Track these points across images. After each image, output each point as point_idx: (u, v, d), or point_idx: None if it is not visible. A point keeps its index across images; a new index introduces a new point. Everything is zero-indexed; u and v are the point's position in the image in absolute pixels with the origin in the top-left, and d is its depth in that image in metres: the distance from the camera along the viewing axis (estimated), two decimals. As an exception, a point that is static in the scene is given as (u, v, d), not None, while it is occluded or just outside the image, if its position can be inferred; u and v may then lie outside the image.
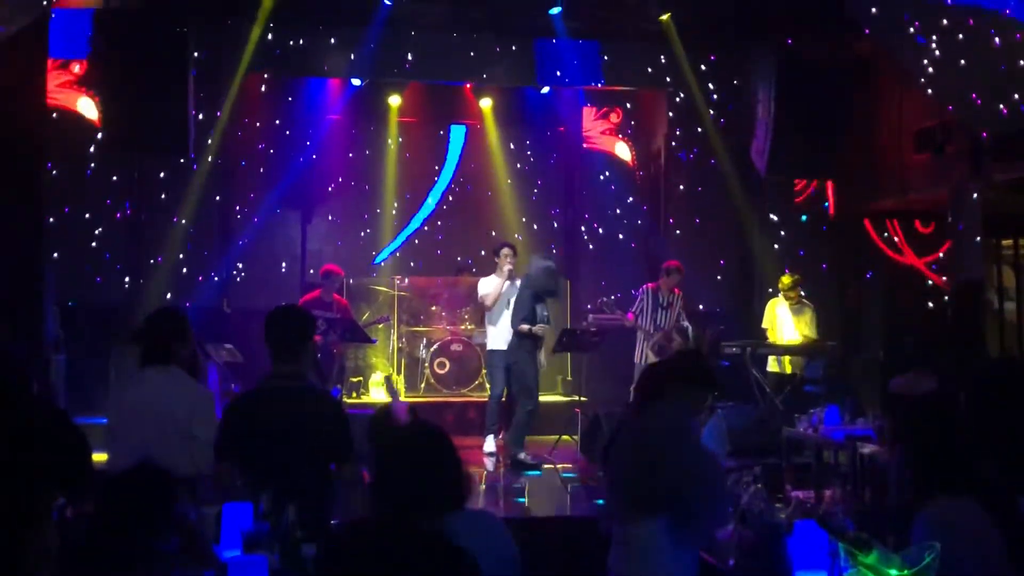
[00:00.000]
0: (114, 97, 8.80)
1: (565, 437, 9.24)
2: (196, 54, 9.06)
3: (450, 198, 12.17)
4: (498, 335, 9.03)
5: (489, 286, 9.06)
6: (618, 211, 11.59)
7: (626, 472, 3.59)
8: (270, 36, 9.67)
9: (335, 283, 9.75)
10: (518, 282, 9.03)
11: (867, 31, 8.25)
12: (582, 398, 9.45)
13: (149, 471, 2.98)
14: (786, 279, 9.47)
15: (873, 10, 7.78)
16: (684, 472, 3.35)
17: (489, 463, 8.65)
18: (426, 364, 10.89)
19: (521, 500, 7.52)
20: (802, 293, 9.53)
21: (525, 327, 8.63)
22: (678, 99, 10.95)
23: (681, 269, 9.58)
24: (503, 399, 9.01)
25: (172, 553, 3.12)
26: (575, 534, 5.88)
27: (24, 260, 8.77)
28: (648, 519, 3.34)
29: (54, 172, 9.22)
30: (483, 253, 11.24)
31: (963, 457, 2.82)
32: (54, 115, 9.39)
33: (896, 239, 9.94)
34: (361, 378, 11.01)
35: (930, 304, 9.26)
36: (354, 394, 10.67)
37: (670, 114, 11.23)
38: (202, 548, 3.18)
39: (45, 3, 8.05)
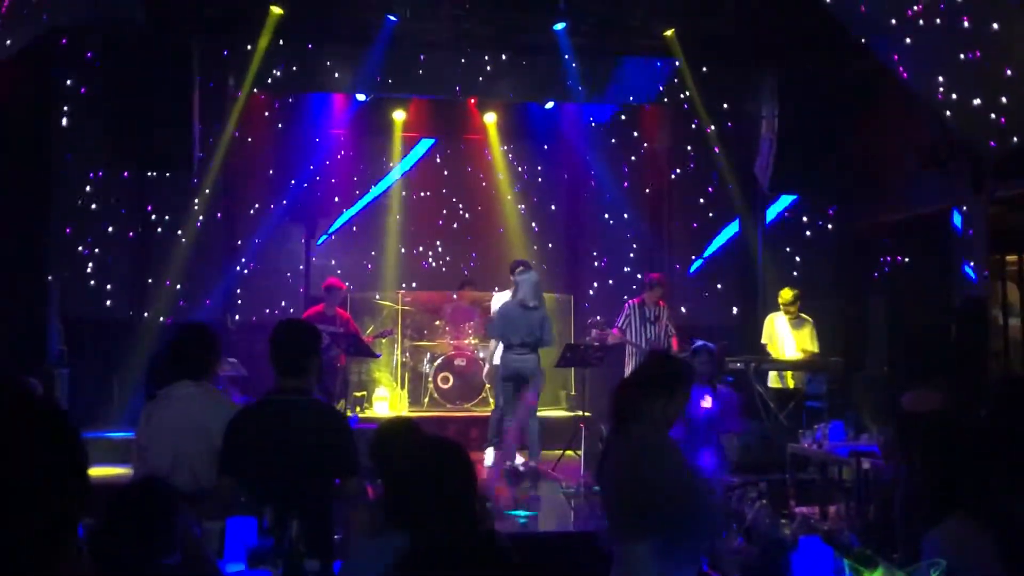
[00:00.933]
0: (119, 114, 8.85)
1: (569, 452, 9.22)
2: (200, 71, 9.12)
3: (454, 213, 12.20)
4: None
5: (500, 303, 9.11)
6: (622, 226, 11.61)
7: (613, 495, 3.58)
8: (275, 52, 9.72)
9: (337, 297, 9.78)
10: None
11: (870, 48, 8.27)
12: (586, 413, 9.42)
13: (154, 485, 2.98)
14: (787, 293, 9.47)
15: (899, 56, 7.82)
16: (666, 493, 3.30)
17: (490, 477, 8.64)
18: (429, 379, 10.88)
19: (520, 514, 7.50)
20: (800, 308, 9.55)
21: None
22: (682, 115, 11.00)
23: (663, 281, 9.70)
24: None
25: (175, 567, 3.12)
26: (578, 550, 5.85)
27: (28, 275, 8.81)
28: (640, 539, 3.32)
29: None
30: (487, 268, 11.28)
31: (976, 475, 2.81)
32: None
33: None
34: (365, 392, 11.00)
35: (934, 320, 9.24)
36: (358, 408, 10.66)
37: (674, 130, 11.28)
38: (205, 563, 3.18)
39: (51, 20, 8.09)
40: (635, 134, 11.83)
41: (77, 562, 1.18)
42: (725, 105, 10.70)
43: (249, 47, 9.55)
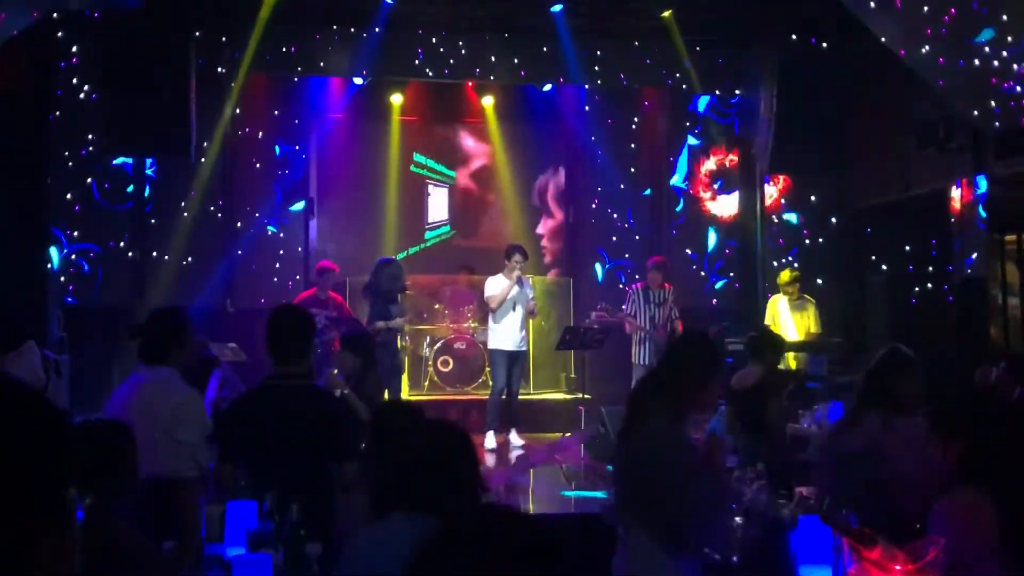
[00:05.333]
0: (117, 99, 8.82)
1: (568, 435, 9.24)
2: (198, 55, 9.09)
3: (452, 197, 12.18)
4: (501, 334, 9.09)
5: (496, 287, 9.12)
6: (621, 209, 11.59)
7: (622, 483, 3.55)
8: (272, 36, 9.67)
9: (331, 280, 9.66)
10: (527, 287, 9.17)
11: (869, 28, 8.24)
12: (585, 395, 9.45)
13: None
14: (785, 275, 9.47)
15: (898, 35, 7.77)
16: (672, 493, 3.25)
17: (490, 459, 8.67)
18: (429, 362, 10.88)
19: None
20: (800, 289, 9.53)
21: (381, 324, 8.83)
22: (680, 97, 10.97)
23: (665, 264, 9.66)
24: (504, 396, 9.08)
25: (169, 554, 3.13)
26: (578, 532, 5.86)
27: (28, 261, 8.81)
28: (645, 529, 3.31)
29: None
30: (485, 251, 11.26)
31: (991, 448, 2.81)
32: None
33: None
34: (364, 377, 10.98)
35: (934, 300, 9.24)
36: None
37: (672, 112, 11.25)
38: (196, 548, 3.19)
39: (49, 5, 8.06)
40: (633, 116, 11.78)
41: (60, 547, 1.17)
42: (723, 86, 10.67)
43: (246, 31, 9.51)
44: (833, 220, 10.79)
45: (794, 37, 9.58)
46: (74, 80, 9.46)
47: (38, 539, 1.13)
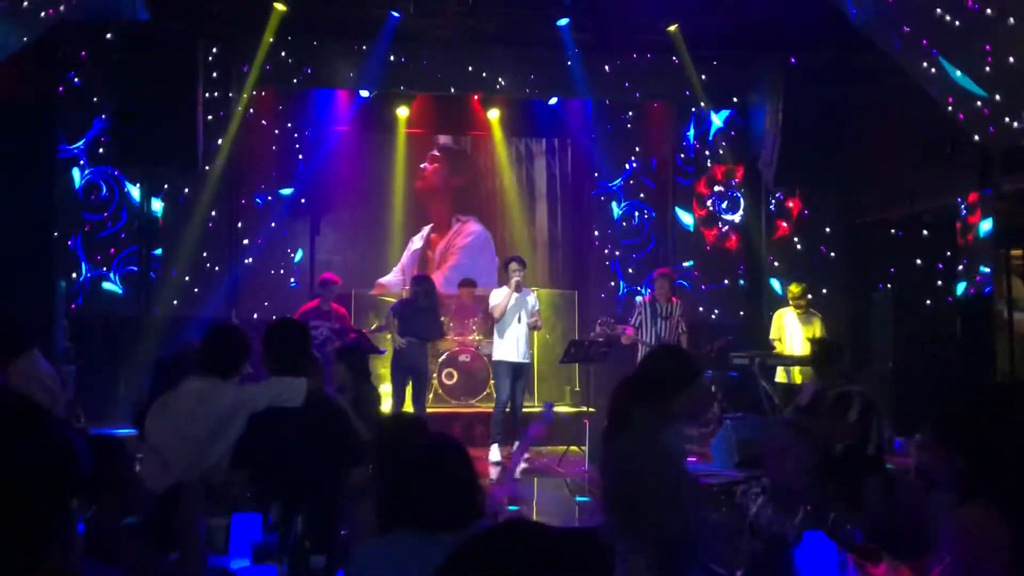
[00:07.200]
0: (124, 110, 8.86)
1: (573, 448, 9.22)
2: (205, 68, 9.13)
3: (458, 210, 12.20)
4: (504, 345, 9.09)
5: (498, 298, 9.14)
6: (627, 222, 11.60)
7: (609, 502, 3.52)
8: (279, 49, 9.72)
9: (332, 292, 9.68)
10: (528, 296, 9.16)
11: (875, 42, 8.26)
12: (590, 408, 9.43)
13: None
14: (795, 288, 9.46)
15: (904, 49, 7.79)
16: (655, 508, 3.19)
17: (494, 472, 8.65)
18: (434, 375, 10.87)
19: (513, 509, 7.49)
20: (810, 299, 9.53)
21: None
22: (686, 110, 10.99)
23: (668, 274, 9.64)
24: (508, 409, 9.07)
25: (172, 566, 3.13)
26: (584, 544, 5.83)
27: (35, 272, 8.83)
28: (637, 546, 3.29)
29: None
30: (490, 263, 11.27)
31: (999, 461, 2.80)
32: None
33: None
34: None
35: (939, 315, 9.22)
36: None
37: (678, 125, 11.27)
38: (200, 559, 3.19)
39: (56, 17, 8.10)
40: (639, 129, 11.80)
41: (62, 559, 1.18)
42: (730, 100, 10.69)
43: (253, 44, 9.56)
44: (839, 234, 10.79)
45: (800, 51, 9.59)
46: (82, 90, 9.51)
47: (40, 551, 1.14)
